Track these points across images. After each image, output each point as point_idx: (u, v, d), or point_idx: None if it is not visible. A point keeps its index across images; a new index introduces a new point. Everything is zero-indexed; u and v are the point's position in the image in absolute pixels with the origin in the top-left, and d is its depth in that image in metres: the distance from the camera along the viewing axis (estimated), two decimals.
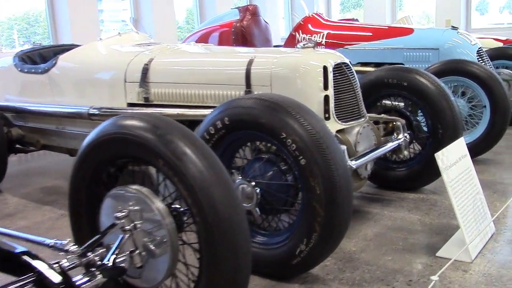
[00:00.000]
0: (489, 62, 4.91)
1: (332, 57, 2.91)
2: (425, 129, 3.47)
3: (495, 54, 5.59)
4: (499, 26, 10.76)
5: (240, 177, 2.40)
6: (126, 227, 1.81)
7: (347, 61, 2.97)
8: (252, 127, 2.31)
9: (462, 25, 9.68)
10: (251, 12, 6.21)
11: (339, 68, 2.88)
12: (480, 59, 4.82)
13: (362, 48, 5.21)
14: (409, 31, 5.07)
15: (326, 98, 2.80)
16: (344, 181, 2.18)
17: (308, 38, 5.55)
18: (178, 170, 1.69)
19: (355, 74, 3.00)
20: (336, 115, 2.81)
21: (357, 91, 2.94)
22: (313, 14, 5.76)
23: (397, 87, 3.45)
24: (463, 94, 4.34)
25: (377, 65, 5.11)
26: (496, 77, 4.08)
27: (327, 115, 2.79)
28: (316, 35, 5.51)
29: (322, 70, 2.81)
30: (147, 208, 1.80)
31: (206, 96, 3.12)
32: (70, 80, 3.77)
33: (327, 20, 5.70)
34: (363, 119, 2.94)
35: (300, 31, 5.63)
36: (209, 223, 1.65)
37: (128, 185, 1.88)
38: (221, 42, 6.19)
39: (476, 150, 4.20)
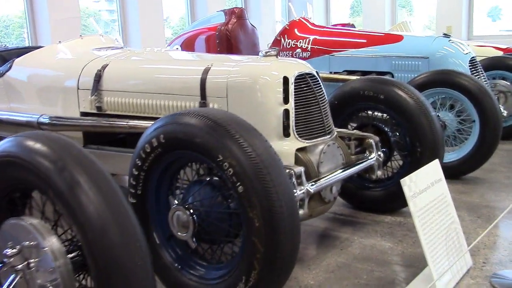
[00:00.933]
0: (482, 73, 4.60)
1: (296, 66, 2.63)
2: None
3: (492, 64, 5.27)
4: (510, 33, 10.40)
5: (176, 203, 2.12)
6: (17, 266, 1.54)
7: (312, 71, 2.68)
8: (187, 146, 2.03)
9: (464, 31, 9.35)
10: (237, 15, 5.93)
11: (302, 79, 2.60)
12: (473, 69, 4.51)
13: (349, 55, 4.92)
14: (398, 38, 4.77)
15: (286, 112, 2.51)
16: (288, 212, 1.89)
17: (294, 44, 5.27)
18: (67, 203, 1.41)
19: (322, 85, 2.71)
20: (297, 131, 2.52)
21: (323, 105, 2.66)
22: (300, 19, 5.48)
23: (374, 100, 3.16)
24: (452, 107, 4.03)
25: (364, 73, 4.83)
26: (486, 90, 3.78)
27: (286, 132, 2.51)
28: (302, 41, 5.23)
29: (282, 81, 2.53)
30: (40, 245, 1.53)
31: (160, 106, 2.85)
32: (24, 85, 3.51)
33: (314, 25, 5.41)
34: (329, 136, 2.66)
35: (286, 36, 5.35)
36: (101, 269, 1.38)
37: (22, 216, 1.61)
38: (206, 46, 5.93)
39: (464, 168, 3.91)
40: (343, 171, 2.66)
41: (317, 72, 2.75)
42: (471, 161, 3.85)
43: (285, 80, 2.54)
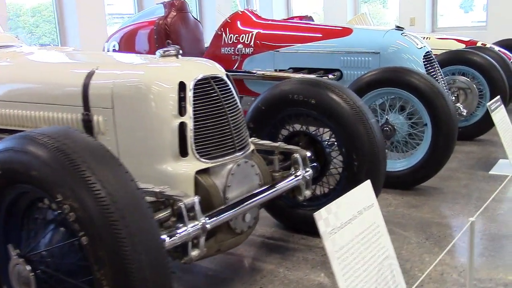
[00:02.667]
0: (438, 69, 4.19)
1: (198, 69, 2.16)
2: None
3: (451, 59, 4.88)
4: (480, 24, 10.07)
5: (16, 254, 1.62)
6: None
7: (220, 74, 2.21)
8: (26, 180, 1.53)
9: (428, 23, 8.99)
10: (177, 8, 5.40)
11: (206, 85, 2.12)
12: (428, 65, 4.09)
13: (294, 51, 4.45)
14: (347, 31, 4.32)
15: (183, 126, 2.04)
16: (152, 270, 1.42)
17: (236, 39, 4.78)
18: None
19: (233, 92, 2.24)
20: (197, 149, 2.05)
21: (233, 115, 2.18)
22: (245, 11, 4.99)
23: (304, 105, 2.70)
24: (402, 109, 3.61)
25: (311, 71, 4.38)
26: (439, 90, 3.35)
27: (184, 150, 2.04)
28: (244, 35, 4.74)
29: (177, 88, 2.05)
30: None
31: (40, 119, 2.33)
32: None
33: (259, 18, 4.92)
34: (241, 152, 2.18)
35: (228, 29, 4.85)
36: None
37: None
38: (148, 42, 5.40)
39: (415, 177, 3.49)
40: (258, 195, 2.20)
41: (228, 75, 2.28)
42: (423, 169, 3.44)
43: (182, 86, 2.06)
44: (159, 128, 2.05)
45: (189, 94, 2.06)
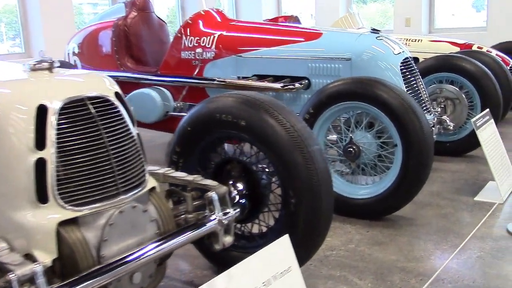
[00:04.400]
0: (419, 78, 3.68)
1: (69, 87, 1.66)
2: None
3: (438, 65, 4.36)
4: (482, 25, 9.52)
5: None
6: None
7: (103, 92, 1.71)
8: None
9: (424, 24, 8.43)
10: (138, 7, 4.94)
11: (78, 108, 1.63)
12: (407, 73, 3.58)
13: (258, 56, 3.95)
14: (315, 35, 3.81)
15: (41, 163, 1.55)
16: None
17: (196, 42, 4.29)
18: None
19: (122, 115, 1.75)
20: (61, 194, 1.56)
21: (117, 147, 1.69)
22: (209, 10, 4.50)
23: (234, 127, 2.20)
24: (371, 125, 3.10)
25: (277, 78, 3.88)
26: (410, 105, 2.84)
27: (43, 195, 1.55)
28: (206, 38, 4.25)
29: (34, 113, 1.56)
30: None
31: None
32: None
33: (224, 18, 4.43)
34: (128, 194, 1.69)
35: (188, 31, 4.36)
36: None
37: None
38: (109, 45, 4.92)
39: (384, 206, 2.98)
40: (152, 249, 1.71)
41: (118, 94, 1.79)
42: (392, 198, 2.93)
43: (42, 110, 1.57)
44: (11, 165, 1.56)
45: (52, 120, 1.57)
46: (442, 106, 4.25)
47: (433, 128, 3.57)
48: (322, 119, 3.13)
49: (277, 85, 3.75)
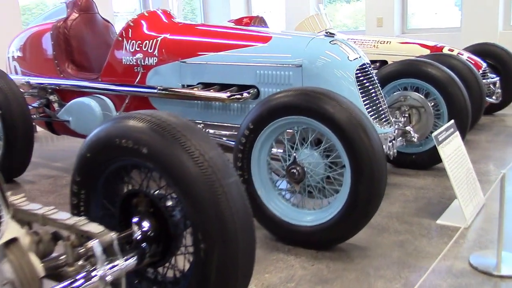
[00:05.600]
0: (377, 87, 3.33)
1: None
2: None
3: (402, 70, 4.02)
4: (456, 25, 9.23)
5: None
6: None
7: None
8: None
9: (397, 24, 8.12)
10: (80, 8, 4.54)
11: None
12: (365, 80, 3.23)
13: (203, 62, 3.57)
14: (264, 39, 3.44)
15: None
16: None
17: (138, 46, 3.89)
18: None
19: None
20: None
21: None
22: (153, 11, 4.11)
23: (135, 154, 1.82)
24: (319, 142, 2.74)
25: (223, 87, 3.51)
26: (359, 120, 2.49)
27: None
28: (148, 42, 3.85)
29: None
30: None
31: None
32: None
33: (171, 20, 4.04)
34: None
35: (130, 34, 3.97)
36: None
37: None
38: (50, 48, 4.50)
39: (331, 235, 2.63)
40: None
41: None
42: (340, 226, 2.57)
43: None
44: None
45: None
46: (406, 115, 3.90)
47: (392, 143, 3.22)
48: (264, 136, 2.76)
49: (223, 95, 3.38)
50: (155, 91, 3.66)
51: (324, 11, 6.40)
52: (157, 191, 1.91)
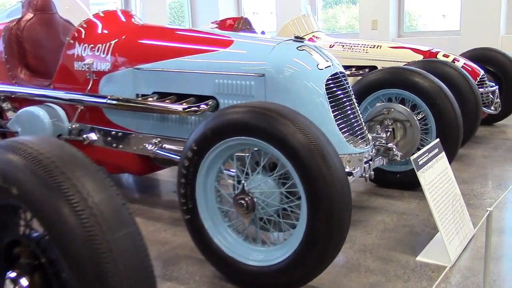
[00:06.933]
0: (352, 99, 2.91)
1: None
2: None
3: (387, 79, 3.59)
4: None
5: None
6: None
7: None
8: None
9: (393, 27, 7.69)
10: (35, 8, 4.14)
11: None
12: (339, 92, 2.81)
13: (159, 69, 3.17)
14: (225, 43, 3.03)
15: None
16: None
17: (91, 50, 3.49)
18: None
19: None
20: None
21: None
22: (110, 11, 3.70)
23: (4, 195, 1.41)
24: (274, 167, 2.32)
25: (180, 97, 3.10)
26: (318, 145, 2.06)
27: None
28: (101, 46, 3.45)
29: None
30: None
31: None
32: None
33: (130, 21, 3.64)
34: None
35: (83, 36, 3.56)
36: None
37: None
38: (2, 50, 4.10)
39: (283, 280, 2.21)
40: None
41: None
42: (293, 269, 2.15)
43: None
44: None
45: None
46: (390, 130, 3.48)
47: (368, 164, 2.81)
48: (210, 159, 2.35)
49: (178, 107, 2.98)
50: (105, 101, 3.26)
51: (310, 12, 6.00)
52: (40, 240, 1.51)
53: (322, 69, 2.79)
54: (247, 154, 2.32)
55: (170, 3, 9.55)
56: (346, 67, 5.43)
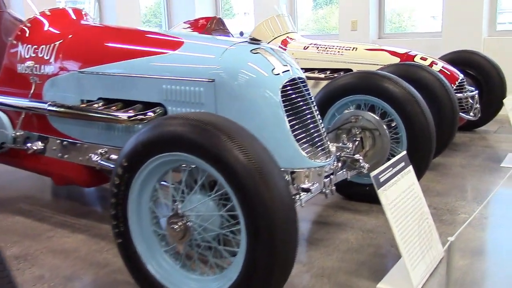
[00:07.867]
0: (312, 107, 2.65)
1: None
2: None
3: (355, 85, 3.34)
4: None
5: None
6: None
7: None
8: None
9: (373, 28, 7.46)
10: None
11: None
12: (298, 99, 2.56)
13: (104, 72, 2.90)
14: (174, 44, 2.76)
15: None
16: None
17: (34, 51, 3.22)
18: None
19: None
20: None
21: None
22: (58, 9, 3.43)
23: None
24: (213, 186, 2.06)
25: (127, 104, 2.83)
26: (258, 164, 1.80)
27: None
28: (45, 47, 3.18)
29: None
30: None
31: None
32: None
33: (79, 20, 3.36)
34: None
35: (27, 36, 3.29)
36: None
37: None
38: None
39: None
40: None
41: None
42: None
43: None
44: None
45: None
46: (358, 139, 3.24)
47: (329, 179, 2.57)
48: (142, 176, 2.09)
49: (123, 115, 2.71)
50: (45, 107, 2.99)
51: (286, 12, 5.76)
52: None
53: (278, 73, 2.53)
54: (184, 171, 2.06)
55: (146, 2, 9.27)
56: (321, 70, 5.20)
